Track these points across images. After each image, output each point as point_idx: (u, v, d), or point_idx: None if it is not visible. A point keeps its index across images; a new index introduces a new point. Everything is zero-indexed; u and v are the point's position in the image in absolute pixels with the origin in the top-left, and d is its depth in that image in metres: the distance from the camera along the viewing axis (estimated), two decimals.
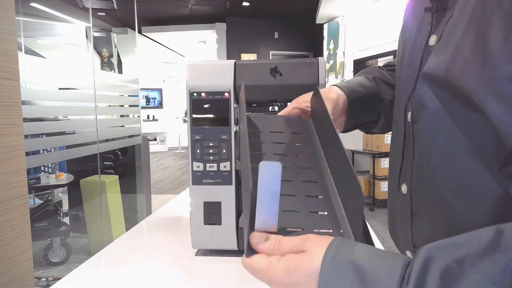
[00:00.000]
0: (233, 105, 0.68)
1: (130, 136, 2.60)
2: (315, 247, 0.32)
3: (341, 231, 0.35)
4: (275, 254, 0.33)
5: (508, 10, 0.33)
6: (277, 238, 0.33)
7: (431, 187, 0.43)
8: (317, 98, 0.49)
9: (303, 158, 0.44)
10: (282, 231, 0.35)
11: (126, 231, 0.88)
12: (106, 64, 6.83)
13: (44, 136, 1.96)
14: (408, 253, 0.50)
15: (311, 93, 0.54)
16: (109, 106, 2.58)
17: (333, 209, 0.37)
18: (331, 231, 0.36)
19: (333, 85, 0.64)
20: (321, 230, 0.36)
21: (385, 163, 3.75)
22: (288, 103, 0.56)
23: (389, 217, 0.56)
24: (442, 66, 0.39)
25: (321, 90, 0.57)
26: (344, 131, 0.67)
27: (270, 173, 0.29)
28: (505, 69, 0.33)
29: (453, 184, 0.40)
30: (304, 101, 0.54)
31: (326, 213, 0.37)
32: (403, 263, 0.29)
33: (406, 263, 0.29)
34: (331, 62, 6.29)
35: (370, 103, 0.65)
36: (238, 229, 0.70)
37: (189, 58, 9.23)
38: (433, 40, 0.43)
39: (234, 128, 0.68)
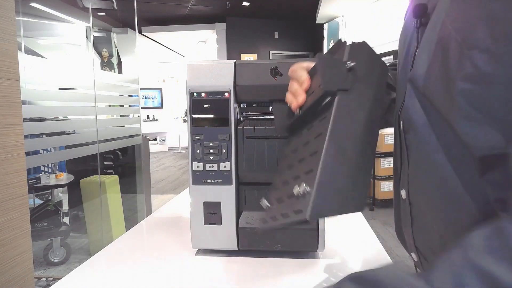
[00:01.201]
0: (233, 105, 0.68)
1: (130, 136, 2.60)
2: None
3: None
4: None
5: (461, 35, 0.36)
6: None
7: (426, 194, 0.44)
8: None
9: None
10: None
11: (126, 231, 0.88)
12: (106, 64, 6.83)
13: (44, 136, 1.96)
14: (413, 255, 0.50)
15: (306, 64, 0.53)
16: (109, 106, 2.58)
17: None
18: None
19: None
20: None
21: (385, 163, 3.74)
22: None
23: (395, 219, 0.57)
24: (421, 82, 0.42)
25: None
26: None
27: None
28: (461, 87, 0.35)
29: (443, 192, 0.41)
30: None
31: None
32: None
33: None
34: None
35: None
36: (238, 229, 0.70)
37: (189, 58, 9.22)
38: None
39: (233, 128, 0.68)
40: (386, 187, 3.74)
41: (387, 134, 3.69)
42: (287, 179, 0.47)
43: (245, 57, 7.06)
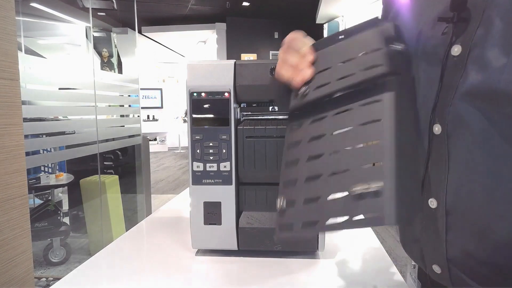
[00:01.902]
0: (233, 105, 0.68)
1: (130, 136, 2.60)
2: None
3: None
4: None
5: None
6: None
7: (478, 201, 0.41)
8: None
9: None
10: None
11: (126, 231, 0.88)
12: (106, 64, 6.83)
13: (44, 136, 1.96)
14: (436, 268, 0.48)
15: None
16: (109, 106, 2.58)
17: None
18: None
19: None
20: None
21: None
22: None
23: (402, 230, 0.54)
24: (498, 78, 0.37)
25: None
26: None
27: None
28: None
29: (508, 198, 0.39)
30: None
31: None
32: None
33: None
34: None
35: None
36: (238, 229, 0.70)
37: (189, 58, 9.22)
38: (457, 50, 0.41)
39: (233, 128, 0.68)
40: None
41: None
42: (315, 173, 0.39)
43: (245, 57, 7.06)
